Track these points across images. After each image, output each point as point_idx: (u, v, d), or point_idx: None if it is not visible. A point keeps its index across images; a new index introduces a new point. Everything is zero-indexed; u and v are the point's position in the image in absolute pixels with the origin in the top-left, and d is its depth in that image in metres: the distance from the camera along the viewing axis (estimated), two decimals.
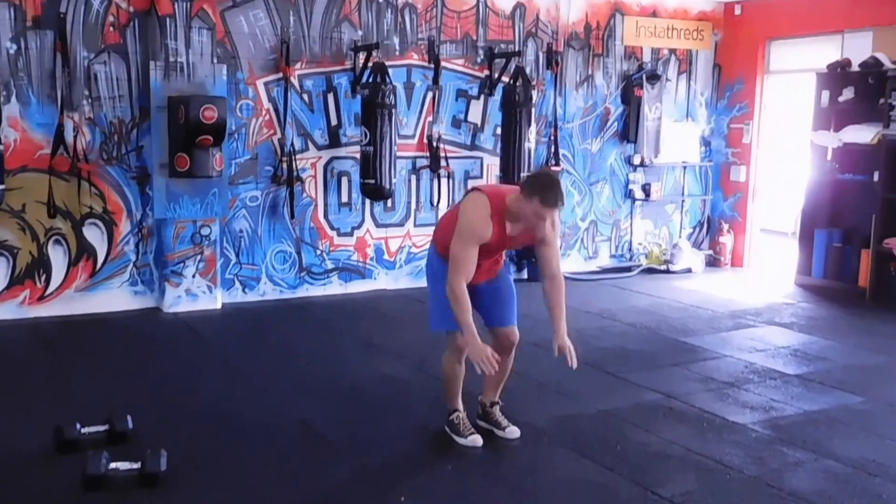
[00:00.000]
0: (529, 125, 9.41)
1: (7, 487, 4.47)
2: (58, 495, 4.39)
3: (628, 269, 11.01)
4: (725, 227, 11.59)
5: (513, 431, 5.23)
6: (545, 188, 4.58)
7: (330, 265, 9.33)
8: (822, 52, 10.18)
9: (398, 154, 8.99)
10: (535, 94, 9.63)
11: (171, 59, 8.09)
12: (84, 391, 6.07)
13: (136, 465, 4.49)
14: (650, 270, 11.08)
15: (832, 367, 6.90)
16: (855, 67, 9.63)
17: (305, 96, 8.93)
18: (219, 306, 8.61)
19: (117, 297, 8.33)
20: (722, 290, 10.06)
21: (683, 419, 5.63)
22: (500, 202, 4.73)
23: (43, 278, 8.03)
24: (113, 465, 4.46)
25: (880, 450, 5.15)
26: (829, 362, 7.05)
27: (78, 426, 4.97)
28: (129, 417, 5.12)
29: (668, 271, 11.04)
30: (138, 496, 4.36)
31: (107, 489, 4.38)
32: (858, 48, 9.71)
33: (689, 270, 11.05)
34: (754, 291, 9.99)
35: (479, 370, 4.65)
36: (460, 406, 5.23)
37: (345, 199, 9.31)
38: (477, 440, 5.13)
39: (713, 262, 11.55)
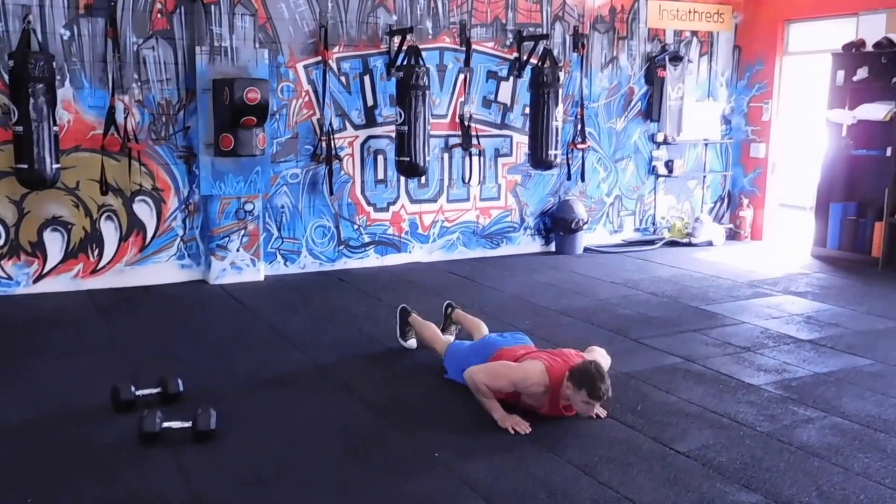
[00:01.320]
0: (557, 105, 9.58)
1: (71, 442, 4.72)
2: (117, 450, 4.60)
3: (652, 242, 11.22)
4: (745, 201, 11.78)
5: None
6: (592, 382, 4.76)
7: (367, 239, 9.58)
8: (838, 33, 10.30)
9: (431, 133, 9.20)
10: (562, 74, 9.80)
11: (216, 43, 8.31)
12: (137, 356, 6.28)
13: (188, 423, 4.68)
14: (673, 243, 11.28)
15: (844, 333, 7.03)
16: (869, 48, 9.79)
17: (343, 78, 9.15)
18: (262, 278, 8.85)
19: (165, 270, 8.61)
20: (741, 261, 10.21)
21: (701, 381, 5.79)
22: (559, 382, 4.93)
23: (96, 252, 8.31)
24: (166, 423, 4.66)
25: (886, 408, 5.29)
26: (841, 328, 7.18)
27: (133, 388, 5.16)
28: (179, 380, 5.32)
29: (689, 244, 11.22)
30: (191, 451, 4.58)
31: (161, 445, 4.60)
32: (872, 29, 9.87)
33: (710, 243, 11.24)
34: (772, 262, 10.13)
35: (512, 432, 4.94)
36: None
37: (381, 175, 9.53)
38: (413, 344, 6.45)
39: (733, 235, 11.76)
